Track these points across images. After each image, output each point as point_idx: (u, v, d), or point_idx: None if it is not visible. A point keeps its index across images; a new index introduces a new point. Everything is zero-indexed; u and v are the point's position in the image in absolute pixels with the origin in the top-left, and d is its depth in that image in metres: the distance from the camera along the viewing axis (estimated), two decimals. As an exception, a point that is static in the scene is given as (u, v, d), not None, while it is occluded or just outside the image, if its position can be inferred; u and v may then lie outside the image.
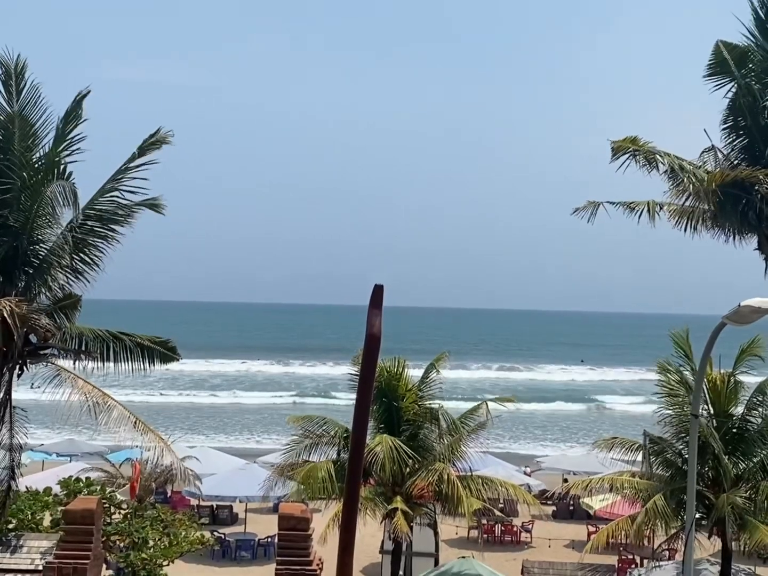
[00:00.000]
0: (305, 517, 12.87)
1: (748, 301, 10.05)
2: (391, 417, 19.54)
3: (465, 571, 19.18)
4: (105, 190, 15.41)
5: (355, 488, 7.75)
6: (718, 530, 16.67)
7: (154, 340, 16.57)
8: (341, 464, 18.40)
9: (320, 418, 20.32)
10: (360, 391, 7.52)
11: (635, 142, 16.93)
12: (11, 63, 14.71)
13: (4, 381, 15.08)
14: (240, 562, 28.42)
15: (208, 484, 29.98)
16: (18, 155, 14.77)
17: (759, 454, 17.06)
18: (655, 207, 17.13)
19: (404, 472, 19.15)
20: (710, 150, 17.27)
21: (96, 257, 15.55)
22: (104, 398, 15.51)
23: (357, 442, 7.63)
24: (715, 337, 10.76)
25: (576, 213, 17.51)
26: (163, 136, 15.27)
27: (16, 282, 15.17)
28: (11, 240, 14.90)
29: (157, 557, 20.13)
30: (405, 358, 20.31)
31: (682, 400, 17.08)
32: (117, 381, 16.75)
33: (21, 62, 14.77)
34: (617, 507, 25.42)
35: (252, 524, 31.01)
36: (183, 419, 63.08)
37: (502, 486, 20.04)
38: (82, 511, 12.93)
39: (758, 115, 16.56)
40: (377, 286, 7.11)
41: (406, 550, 21.73)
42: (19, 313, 13.55)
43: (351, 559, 7.62)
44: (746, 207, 16.33)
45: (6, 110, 14.85)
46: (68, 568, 12.41)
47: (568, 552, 29.22)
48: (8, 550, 17.20)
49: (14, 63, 14.72)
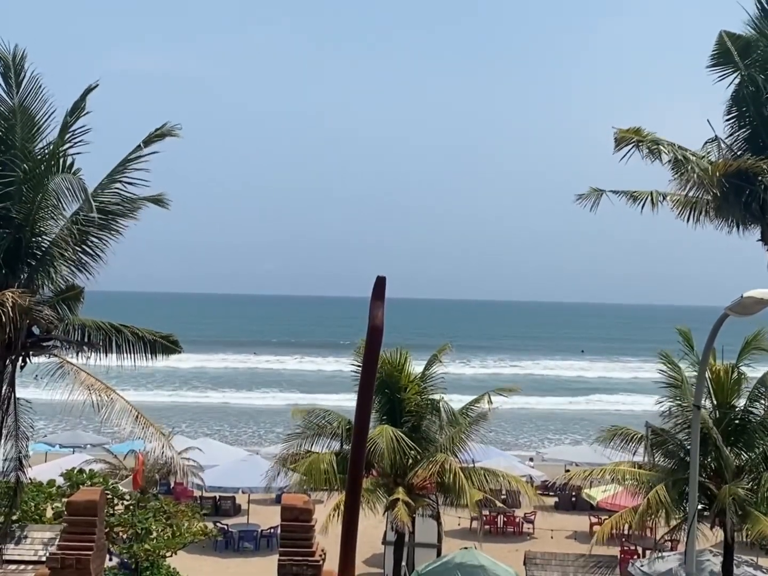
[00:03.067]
0: (308, 508, 12.85)
1: (750, 292, 10.02)
2: (393, 408, 19.57)
3: (467, 562, 19.23)
4: (108, 182, 15.38)
5: (357, 479, 7.75)
6: (720, 521, 16.68)
7: (156, 334, 16.56)
8: (344, 455, 18.43)
9: (323, 410, 20.38)
10: (362, 382, 7.52)
11: (639, 133, 16.86)
12: (9, 55, 14.62)
13: (7, 373, 15.08)
14: (243, 552, 28.50)
15: (211, 476, 30.06)
16: (20, 147, 14.72)
17: (761, 446, 17.06)
18: (658, 197, 17.08)
19: (406, 464, 19.18)
20: (713, 141, 17.18)
21: (99, 249, 15.53)
22: (107, 391, 15.51)
23: (359, 433, 7.62)
24: (718, 328, 10.73)
25: (579, 201, 17.45)
26: (169, 129, 15.17)
27: (19, 274, 15.15)
28: (14, 232, 14.87)
29: (160, 548, 20.20)
30: (407, 350, 20.33)
31: (684, 391, 17.07)
32: (119, 374, 16.71)
33: (19, 53, 14.66)
34: (619, 498, 25.43)
35: (254, 515, 31.08)
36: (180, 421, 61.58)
37: (504, 477, 20.08)
38: (85, 503, 12.91)
39: (762, 106, 16.48)
40: (379, 277, 7.08)
41: (409, 541, 21.78)
42: (21, 305, 13.54)
43: (354, 550, 7.63)
44: (750, 198, 16.26)
45: (6, 102, 14.79)
46: (71, 559, 12.39)
47: (570, 543, 29.29)
48: (12, 541, 17.28)
49: (12, 54, 14.62)
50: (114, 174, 15.35)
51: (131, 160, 15.21)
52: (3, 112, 14.77)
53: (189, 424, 59.32)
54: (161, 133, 15.14)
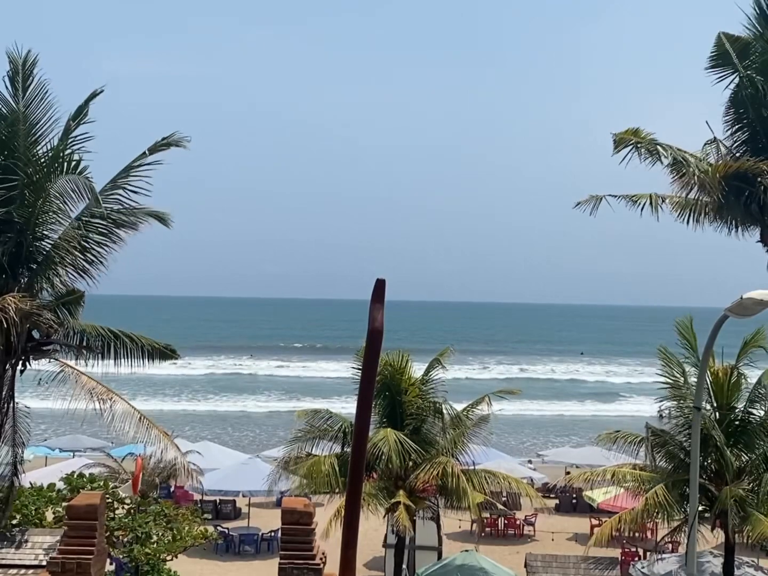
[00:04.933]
0: (308, 511, 12.86)
1: (750, 293, 10.03)
2: (395, 411, 19.57)
3: (468, 564, 19.23)
4: (111, 188, 15.34)
5: (358, 482, 7.75)
6: (721, 522, 16.66)
7: (157, 343, 16.53)
8: (345, 458, 18.41)
9: (326, 412, 20.38)
10: (363, 385, 7.52)
11: (637, 134, 16.87)
12: (20, 59, 14.59)
13: (7, 377, 15.08)
14: (243, 556, 28.48)
15: (211, 479, 30.03)
16: (22, 151, 14.71)
17: (761, 447, 17.04)
18: (658, 200, 17.09)
19: (407, 466, 19.17)
20: (713, 142, 17.20)
21: (100, 255, 15.51)
22: (108, 394, 15.52)
23: (360, 436, 7.62)
24: (718, 329, 10.74)
25: (578, 206, 17.48)
26: (176, 139, 15.06)
27: (20, 278, 15.16)
28: (15, 236, 14.88)
29: (161, 552, 20.17)
30: (408, 352, 20.33)
31: (684, 392, 17.07)
32: (116, 379, 16.70)
33: (30, 58, 14.61)
34: (620, 500, 25.42)
35: (255, 518, 31.06)
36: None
37: (504, 479, 20.07)
38: (85, 507, 12.92)
39: (760, 107, 16.49)
40: (379, 280, 7.06)
41: (410, 543, 21.77)
42: (22, 309, 13.55)
43: (354, 553, 7.63)
44: (749, 199, 16.29)
45: (11, 106, 14.76)
46: (72, 563, 12.40)
47: (571, 545, 29.27)
48: (12, 546, 17.24)
49: (23, 59, 14.60)
50: (117, 179, 15.30)
51: (135, 167, 15.14)
52: (7, 116, 14.77)
53: (191, 427, 59.36)
54: (167, 143, 15.03)
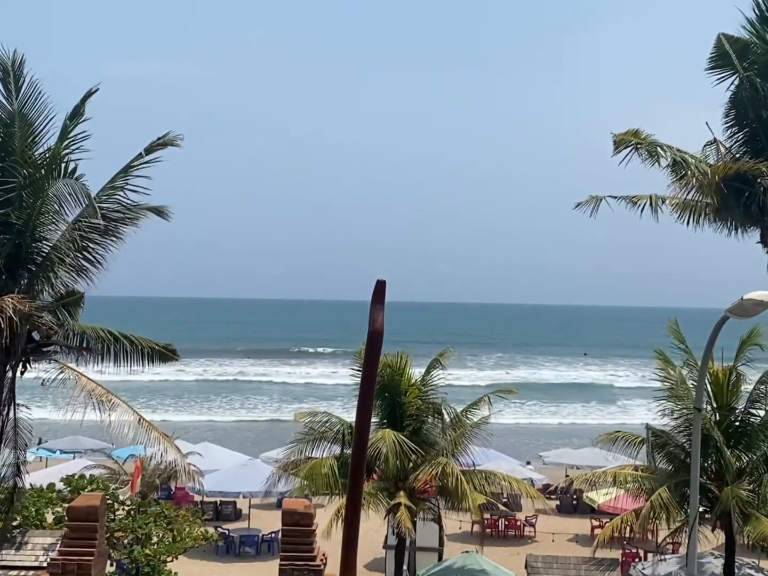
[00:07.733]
0: (309, 512, 12.85)
1: (750, 294, 10.03)
2: (394, 412, 19.56)
3: (469, 566, 19.23)
4: (109, 189, 15.35)
5: (358, 483, 7.74)
6: (722, 523, 16.68)
7: (156, 344, 16.53)
8: (345, 460, 18.41)
9: (325, 414, 20.38)
10: (363, 386, 7.51)
11: (637, 135, 16.89)
12: (8, 60, 14.61)
13: (7, 379, 15.07)
14: (244, 557, 28.50)
15: (212, 480, 30.02)
16: (19, 152, 14.72)
17: (762, 447, 17.05)
18: (658, 201, 17.09)
19: (407, 467, 19.17)
20: (712, 143, 17.20)
21: (100, 255, 15.51)
22: (108, 396, 15.52)
23: (360, 437, 7.61)
24: (718, 330, 10.74)
25: (578, 207, 17.49)
26: (171, 138, 15.10)
27: (19, 279, 15.15)
28: (14, 238, 14.87)
29: (161, 553, 20.18)
30: (408, 353, 20.33)
31: (684, 393, 17.07)
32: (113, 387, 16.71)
33: (18, 58, 14.63)
34: (620, 501, 25.41)
35: (255, 520, 31.06)
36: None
37: (505, 480, 20.07)
38: (85, 508, 12.93)
39: (760, 108, 16.49)
40: (379, 281, 7.03)
41: (410, 545, 21.74)
42: (21, 311, 13.55)
43: (355, 555, 7.61)
44: (749, 200, 16.28)
45: (6, 108, 14.78)
46: (72, 564, 12.41)
47: (572, 546, 29.28)
48: (13, 547, 17.26)
49: (11, 60, 14.61)
50: (115, 180, 15.33)
51: (133, 167, 15.19)
52: (2, 117, 14.78)
53: (186, 431, 59.33)
54: (163, 142, 15.08)
